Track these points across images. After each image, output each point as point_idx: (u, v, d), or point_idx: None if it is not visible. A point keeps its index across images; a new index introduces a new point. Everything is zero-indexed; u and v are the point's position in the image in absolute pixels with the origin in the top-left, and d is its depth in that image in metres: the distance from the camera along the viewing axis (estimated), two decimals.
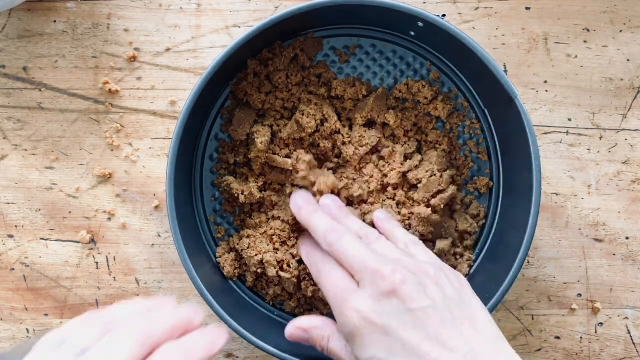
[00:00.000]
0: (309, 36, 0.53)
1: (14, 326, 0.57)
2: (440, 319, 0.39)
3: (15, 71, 0.56)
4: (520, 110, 0.46)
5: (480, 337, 0.39)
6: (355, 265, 0.42)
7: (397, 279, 0.40)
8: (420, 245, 0.47)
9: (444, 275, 0.42)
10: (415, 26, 0.49)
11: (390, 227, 0.49)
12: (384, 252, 0.44)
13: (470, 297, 0.42)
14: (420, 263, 0.43)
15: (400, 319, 0.39)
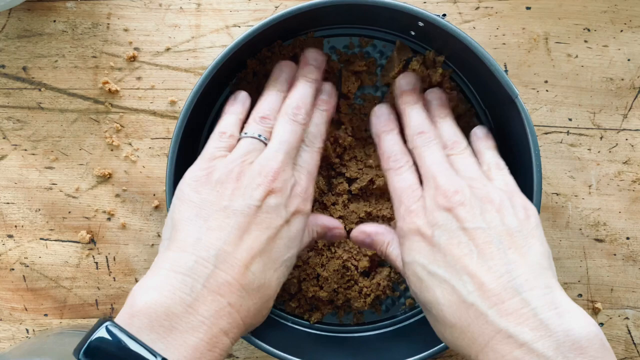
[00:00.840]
0: (309, 36, 0.53)
1: (14, 326, 0.57)
2: (489, 240, 0.40)
3: (15, 71, 0.56)
4: (520, 110, 0.46)
5: (524, 262, 0.39)
6: (426, 173, 0.44)
7: (457, 199, 0.41)
8: (503, 170, 0.46)
9: (509, 204, 0.42)
10: (416, 26, 0.49)
11: (482, 147, 0.48)
12: (461, 168, 0.44)
13: (531, 229, 0.41)
14: (490, 188, 0.43)
15: (450, 234, 0.41)
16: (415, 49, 0.53)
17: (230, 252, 0.39)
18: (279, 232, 0.42)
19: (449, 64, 0.53)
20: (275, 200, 0.42)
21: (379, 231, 0.47)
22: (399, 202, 0.44)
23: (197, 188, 0.42)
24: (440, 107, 0.48)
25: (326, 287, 0.52)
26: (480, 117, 0.53)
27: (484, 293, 0.38)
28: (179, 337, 0.36)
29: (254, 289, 0.40)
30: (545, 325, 0.36)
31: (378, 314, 0.55)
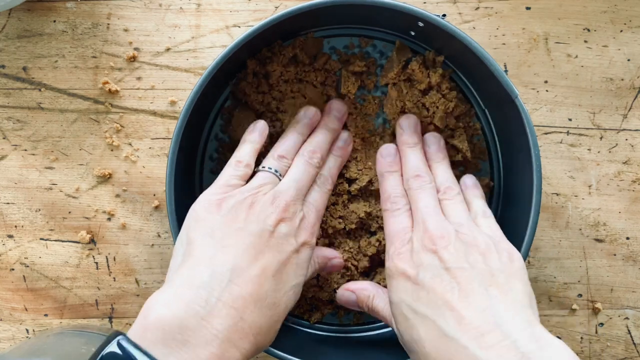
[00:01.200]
0: (309, 36, 0.53)
1: (14, 326, 0.57)
2: (471, 278, 0.41)
3: (15, 71, 0.56)
4: (520, 110, 0.46)
5: (506, 299, 0.40)
6: (417, 216, 0.46)
7: (442, 243, 0.43)
8: (489, 218, 0.48)
9: (494, 248, 0.43)
10: (416, 26, 0.49)
11: (470, 195, 0.50)
12: (451, 213, 0.47)
13: (514, 271, 0.42)
14: (476, 233, 0.44)
15: (433, 273, 0.42)
16: (415, 49, 0.53)
17: (245, 269, 0.41)
18: (290, 257, 0.44)
19: (449, 64, 0.53)
20: (285, 228, 0.44)
21: (363, 287, 0.49)
22: (390, 243, 0.47)
23: (211, 210, 0.44)
24: (437, 151, 0.51)
25: (326, 287, 0.52)
26: (480, 117, 0.53)
27: (464, 327, 0.38)
28: (191, 351, 0.37)
29: (266, 305, 0.41)
30: (526, 357, 0.36)
31: None
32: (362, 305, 0.49)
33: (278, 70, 0.52)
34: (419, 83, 0.52)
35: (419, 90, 0.52)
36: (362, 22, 0.53)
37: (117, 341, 0.36)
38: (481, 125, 0.53)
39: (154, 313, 0.38)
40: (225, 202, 0.44)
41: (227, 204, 0.44)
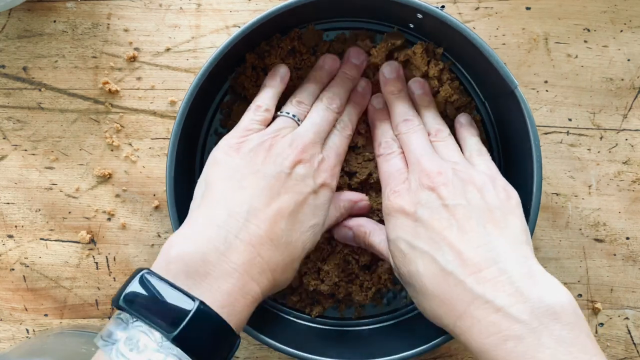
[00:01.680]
0: (309, 28, 0.53)
1: (14, 326, 0.57)
2: (468, 215, 0.42)
3: (15, 71, 0.56)
4: (520, 100, 0.46)
5: (502, 235, 0.41)
6: (412, 158, 0.47)
7: (440, 180, 0.44)
8: (484, 156, 0.48)
9: (491, 185, 0.44)
10: (414, 18, 0.49)
11: (465, 134, 0.50)
12: (444, 153, 0.47)
13: (511, 208, 0.44)
14: (472, 171, 0.45)
15: (432, 210, 0.43)
16: (414, 42, 0.53)
17: (261, 209, 0.42)
18: (307, 199, 0.44)
19: (448, 56, 0.53)
20: (303, 170, 0.45)
21: (360, 223, 0.50)
22: (386, 184, 0.48)
23: (231, 154, 0.45)
24: (423, 95, 0.51)
25: (327, 280, 0.52)
26: (480, 109, 0.53)
27: (463, 262, 0.40)
28: (213, 282, 0.38)
29: (282, 243, 0.42)
30: (520, 292, 0.38)
31: (379, 307, 0.55)
32: (359, 240, 0.50)
33: (276, 64, 0.52)
34: (417, 69, 0.52)
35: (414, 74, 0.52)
36: (361, 15, 0.53)
37: (141, 275, 0.38)
38: (481, 117, 0.53)
39: (176, 248, 0.39)
40: (244, 145, 0.45)
41: (246, 147, 0.45)
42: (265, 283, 0.41)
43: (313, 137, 0.47)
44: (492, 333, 0.38)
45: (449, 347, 0.56)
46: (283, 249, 0.42)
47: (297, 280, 0.53)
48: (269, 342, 0.47)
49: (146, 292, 0.37)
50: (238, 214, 0.41)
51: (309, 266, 0.52)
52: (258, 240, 0.41)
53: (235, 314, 0.39)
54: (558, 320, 0.38)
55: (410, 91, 0.51)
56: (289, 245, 0.43)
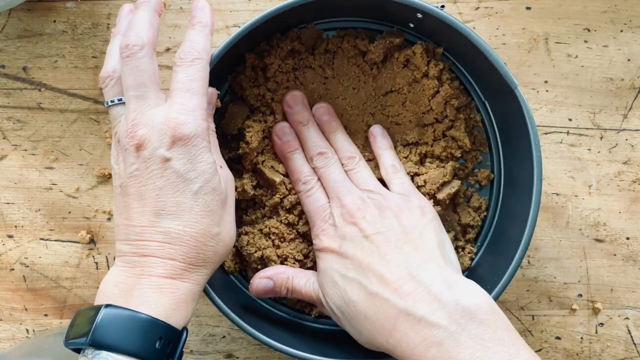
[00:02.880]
0: (309, 27, 0.52)
1: (14, 326, 0.57)
2: (386, 240, 0.45)
3: (15, 71, 0.56)
4: (520, 100, 0.46)
5: (417, 254, 0.45)
6: (331, 192, 0.49)
7: (360, 214, 0.47)
8: (399, 173, 0.50)
9: (406, 207, 0.47)
10: (414, 17, 0.49)
11: (379, 149, 0.52)
12: (360, 181, 0.50)
13: (426, 224, 0.47)
14: (388, 196, 0.48)
15: (355, 242, 0.46)
16: (414, 42, 0.53)
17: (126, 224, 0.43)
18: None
19: (448, 56, 0.53)
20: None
21: (279, 270, 0.50)
22: (313, 223, 0.49)
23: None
24: (330, 121, 0.52)
25: None
26: (480, 109, 0.53)
27: (385, 282, 0.43)
28: (127, 294, 0.40)
29: (172, 238, 0.41)
30: (438, 299, 0.41)
31: None
32: (281, 289, 0.49)
33: (276, 63, 0.52)
34: (417, 68, 0.52)
35: (414, 74, 0.52)
36: (361, 15, 0.52)
37: (104, 307, 0.40)
38: (481, 117, 0.53)
39: (103, 284, 0.43)
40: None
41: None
42: (184, 273, 0.41)
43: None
44: (417, 343, 0.41)
45: None
46: (176, 240, 0.42)
47: None
48: (269, 342, 0.47)
49: (111, 317, 0.40)
50: (122, 241, 0.44)
51: (308, 266, 0.52)
52: (144, 249, 0.42)
53: (156, 307, 0.40)
54: (474, 319, 0.40)
55: (316, 117, 0.52)
56: (180, 234, 0.42)
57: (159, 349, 0.39)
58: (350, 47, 0.52)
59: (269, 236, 0.52)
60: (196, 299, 0.43)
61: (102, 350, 0.38)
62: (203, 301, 0.57)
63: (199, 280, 0.42)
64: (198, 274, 0.42)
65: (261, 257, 0.51)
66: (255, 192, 0.51)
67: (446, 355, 0.40)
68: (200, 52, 0.44)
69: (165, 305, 0.40)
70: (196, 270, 0.42)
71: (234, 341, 0.57)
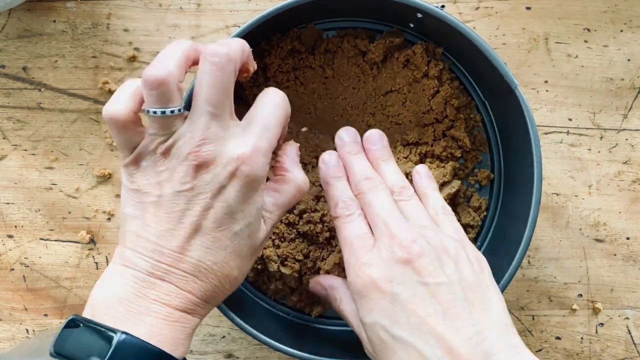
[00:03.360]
0: (309, 27, 0.53)
1: (14, 326, 0.57)
2: (452, 297, 0.38)
3: (15, 71, 0.56)
4: (520, 100, 0.46)
5: (490, 321, 0.38)
6: (378, 221, 0.42)
7: (415, 250, 0.40)
8: (450, 216, 0.45)
9: (464, 255, 0.41)
10: (414, 17, 0.49)
11: (426, 188, 0.47)
12: (411, 215, 0.43)
13: (487, 282, 0.41)
14: (443, 237, 0.42)
15: (411, 290, 0.39)
16: (414, 42, 0.53)
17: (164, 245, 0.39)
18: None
19: (448, 55, 0.53)
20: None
21: (334, 285, 0.46)
22: (350, 252, 0.42)
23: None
24: (383, 149, 0.47)
25: None
26: (480, 109, 0.53)
27: (452, 354, 0.37)
28: (136, 318, 0.37)
29: (199, 272, 0.39)
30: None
31: None
32: (331, 304, 0.47)
33: (276, 63, 0.52)
34: (417, 68, 0.52)
35: (414, 73, 0.52)
36: (361, 14, 0.52)
37: (71, 320, 0.37)
38: (482, 117, 0.53)
39: (97, 294, 0.39)
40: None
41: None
42: (196, 308, 0.39)
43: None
44: None
45: None
46: (201, 275, 0.40)
47: (297, 280, 0.53)
48: (269, 342, 0.47)
49: (74, 336, 0.37)
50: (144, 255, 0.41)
51: (308, 266, 0.52)
52: (169, 275, 0.39)
53: (167, 340, 0.37)
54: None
55: (367, 148, 0.47)
56: (208, 269, 0.39)
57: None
58: (350, 47, 0.52)
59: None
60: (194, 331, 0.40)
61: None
62: None
63: (204, 315, 0.40)
64: (206, 310, 0.40)
65: (261, 257, 0.51)
66: None
67: None
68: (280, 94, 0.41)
69: (175, 339, 0.37)
70: (206, 306, 0.40)
71: (234, 341, 0.57)
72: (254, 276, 0.53)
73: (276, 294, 0.54)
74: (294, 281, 0.52)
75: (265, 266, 0.52)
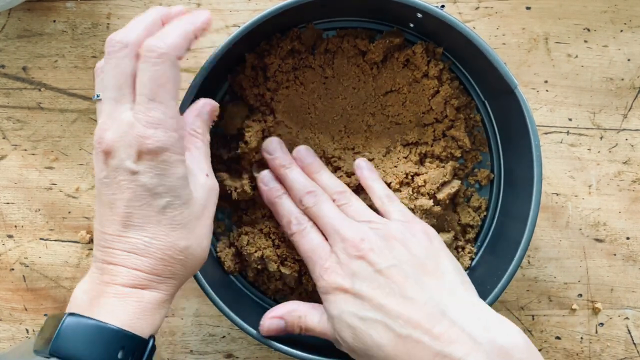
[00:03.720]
0: (309, 27, 0.52)
1: (14, 326, 0.57)
2: (403, 274, 0.43)
3: (15, 71, 0.56)
4: (520, 99, 0.46)
5: (443, 285, 0.43)
6: (328, 229, 0.46)
7: (365, 246, 0.44)
8: (395, 201, 0.49)
9: (410, 234, 0.45)
10: (414, 17, 0.49)
11: (368, 179, 0.50)
12: (355, 214, 0.47)
13: (438, 250, 0.45)
14: (389, 224, 0.46)
15: (369, 280, 0.43)
16: (414, 42, 0.53)
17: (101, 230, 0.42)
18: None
19: (448, 55, 0.53)
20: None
21: (290, 308, 0.47)
22: (313, 263, 0.46)
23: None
24: (313, 163, 0.50)
25: None
26: (480, 109, 0.53)
27: (414, 324, 0.41)
28: (94, 302, 0.40)
29: (138, 249, 0.40)
30: (473, 339, 0.40)
31: None
32: (294, 328, 0.47)
33: (276, 63, 0.52)
34: (417, 68, 0.52)
35: (414, 74, 0.52)
36: (361, 14, 0.53)
37: (65, 317, 0.39)
38: (481, 117, 0.53)
39: (74, 293, 0.43)
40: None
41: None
42: (150, 283, 0.40)
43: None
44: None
45: None
46: (142, 251, 0.41)
47: (297, 280, 0.53)
48: (268, 342, 0.47)
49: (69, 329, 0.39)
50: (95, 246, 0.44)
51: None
52: (113, 258, 0.42)
53: (120, 316, 0.39)
54: (511, 358, 0.39)
55: (298, 161, 0.50)
56: (147, 245, 0.41)
57: (121, 358, 0.38)
58: (350, 47, 0.52)
59: (269, 236, 0.52)
60: (165, 308, 0.41)
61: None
62: (203, 301, 0.57)
63: (167, 290, 0.41)
64: (166, 285, 0.41)
65: (261, 257, 0.51)
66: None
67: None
68: (169, 47, 0.39)
69: (129, 314, 0.39)
70: (163, 281, 0.41)
71: (234, 341, 0.57)
72: (253, 276, 0.53)
73: (276, 294, 0.54)
74: (293, 281, 0.52)
75: (265, 266, 0.52)
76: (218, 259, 0.53)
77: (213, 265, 0.52)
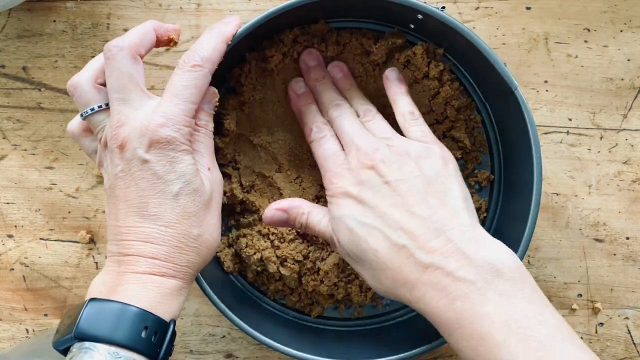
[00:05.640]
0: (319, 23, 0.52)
1: (14, 326, 0.57)
2: (410, 190, 0.44)
3: (15, 71, 0.56)
4: (520, 101, 0.46)
5: (445, 207, 0.44)
6: (347, 139, 0.48)
7: (378, 156, 0.45)
8: (418, 120, 0.49)
9: (426, 154, 0.46)
10: (415, 18, 0.49)
11: (395, 94, 0.50)
12: (376, 131, 0.48)
13: (448, 175, 0.45)
14: (407, 144, 0.46)
15: (376, 189, 0.44)
16: (414, 43, 0.53)
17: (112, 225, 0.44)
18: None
19: (448, 56, 0.53)
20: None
21: (295, 204, 0.48)
22: (326, 168, 0.48)
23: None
24: (345, 79, 0.52)
25: (326, 281, 0.52)
26: (480, 110, 0.53)
27: (412, 236, 0.43)
28: (113, 290, 0.41)
29: (154, 238, 0.42)
30: (466, 256, 0.41)
31: (379, 307, 0.55)
32: (295, 222, 0.48)
33: (277, 57, 0.51)
34: (417, 69, 0.52)
35: (415, 74, 0.52)
36: (362, 15, 0.52)
37: (87, 303, 0.40)
38: (482, 118, 0.53)
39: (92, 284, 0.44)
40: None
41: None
42: (163, 270, 0.41)
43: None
44: (442, 296, 0.41)
45: (449, 347, 0.56)
46: (153, 239, 0.42)
47: (297, 280, 0.53)
48: (268, 342, 0.47)
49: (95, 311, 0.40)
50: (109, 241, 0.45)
51: (308, 267, 0.52)
52: (127, 248, 0.43)
53: (141, 299, 0.40)
54: (501, 276, 0.40)
55: (332, 76, 0.52)
56: (153, 231, 0.43)
57: (145, 338, 0.39)
58: (358, 44, 0.52)
59: (267, 237, 0.52)
60: (183, 295, 0.42)
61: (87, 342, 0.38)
62: (203, 301, 0.57)
63: (184, 278, 0.42)
64: (183, 273, 0.42)
65: (260, 259, 0.51)
66: (244, 196, 0.52)
67: (470, 307, 0.40)
68: (204, 60, 0.43)
69: (150, 298, 0.40)
70: (180, 269, 0.42)
71: (234, 341, 0.57)
72: (253, 277, 0.53)
73: (276, 294, 0.54)
74: (293, 282, 0.52)
75: (265, 267, 0.52)
76: (217, 259, 0.53)
77: (213, 266, 0.52)
